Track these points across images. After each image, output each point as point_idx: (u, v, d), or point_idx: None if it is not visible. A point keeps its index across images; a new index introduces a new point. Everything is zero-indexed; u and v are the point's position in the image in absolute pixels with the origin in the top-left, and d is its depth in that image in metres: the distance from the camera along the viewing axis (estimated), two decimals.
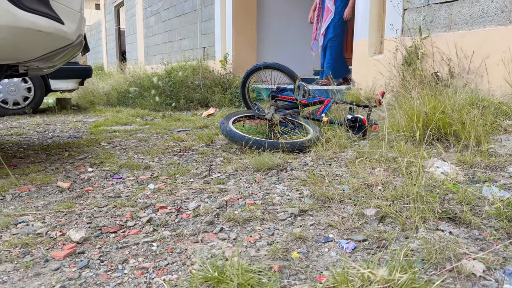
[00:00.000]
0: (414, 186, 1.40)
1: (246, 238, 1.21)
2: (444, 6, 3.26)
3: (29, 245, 1.19)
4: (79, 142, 3.02)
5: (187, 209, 1.48)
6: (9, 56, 1.91)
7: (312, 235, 1.21)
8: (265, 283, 0.89)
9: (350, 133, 2.59)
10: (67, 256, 1.11)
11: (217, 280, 0.88)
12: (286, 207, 1.45)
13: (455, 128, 2.19)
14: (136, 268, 1.04)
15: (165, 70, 6.03)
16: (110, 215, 1.43)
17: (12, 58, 1.96)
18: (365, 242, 1.14)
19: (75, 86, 5.48)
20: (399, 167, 1.78)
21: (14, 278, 1.01)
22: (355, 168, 1.83)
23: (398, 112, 2.40)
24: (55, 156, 2.51)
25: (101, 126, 3.86)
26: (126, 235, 1.25)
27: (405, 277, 0.82)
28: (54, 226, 1.34)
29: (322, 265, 1.02)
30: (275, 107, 2.88)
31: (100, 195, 1.68)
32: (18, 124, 4.23)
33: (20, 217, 1.43)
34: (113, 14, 12.94)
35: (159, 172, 2.03)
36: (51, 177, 1.98)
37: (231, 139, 2.47)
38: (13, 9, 1.75)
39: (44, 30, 1.89)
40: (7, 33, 1.74)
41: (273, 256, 1.08)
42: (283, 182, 1.79)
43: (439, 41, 3.27)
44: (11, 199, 1.66)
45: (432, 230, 1.18)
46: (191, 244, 1.18)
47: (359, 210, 1.35)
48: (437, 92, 2.54)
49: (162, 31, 9.13)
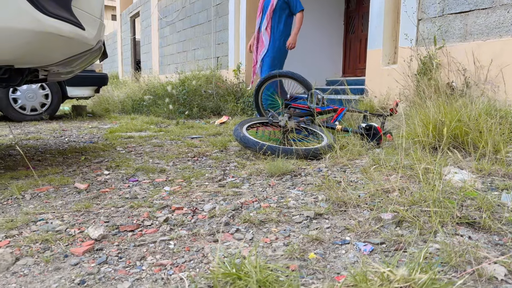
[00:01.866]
0: (432, 191, 1.39)
1: (262, 239, 1.21)
2: (460, 16, 3.25)
3: (48, 241, 1.20)
4: (95, 146, 3.06)
5: (203, 210, 1.48)
6: (32, 59, 1.96)
7: (329, 237, 1.20)
8: (283, 281, 0.89)
9: (365, 141, 2.58)
10: (86, 252, 1.13)
11: (235, 277, 0.88)
12: (301, 210, 1.45)
13: (471, 137, 2.17)
14: (154, 264, 1.05)
15: (179, 79, 6.11)
16: (127, 215, 1.45)
17: (35, 62, 2.01)
18: (383, 245, 1.13)
19: (91, 93, 5.58)
20: (416, 174, 1.77)
21: (35, 272, 1.02)
22: (370, 174, 1.82)
23: (414, 121, 2.39)
24: (72, 160, 2.55)
25: (116, 132, 3.91)
26: (143, 233, 1.26)
27: (425, 277, 0.81)
28: (73, 224, 1.36)
29: (339, 265, 1.02)
30: (289, 114, 2.89)
31: (116, 196, 1.70)
32: (35, 130, 4.32)
33: (39, 215, 1.45)
34: (129, 25, 13.21)
35: (174, 176, 2.05)
36: (69, 178, 2.01)
37: (244, 145, 2.48)
38: (38, 14, 1.80)
39: (66, 35, 1.94)
40: (32, 37, 1.79)
41: (290, 256, 1.07)
42: (297, 187, 1.79)
43: (454, 51, 3.26)
44: (30, 199, 1.69)
45: (451, 234, 1.16)
46: (208, 243, 1.18)
47: (376, 215, 1.34)
48: (453, 100, 2.52)
49: (176, 41, 9.27)
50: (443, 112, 2.33)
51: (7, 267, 1.03)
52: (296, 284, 0.84)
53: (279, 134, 2.94)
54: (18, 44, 1.78)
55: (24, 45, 1.81)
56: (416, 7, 3.59)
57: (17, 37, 1.75)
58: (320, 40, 6.99)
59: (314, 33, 6.91)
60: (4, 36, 1.71)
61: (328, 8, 6.99)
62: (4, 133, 4.05)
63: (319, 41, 6.98)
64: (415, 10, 3.59)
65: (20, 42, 1.78)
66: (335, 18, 7.05)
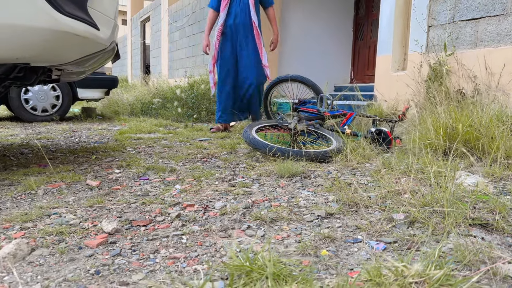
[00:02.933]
0: (444, 193, 1.39)
1: (274, 235, 1.21)
2: (470, 23, 3.25)
3: (63, 233, 1.22)
4: (105, 147, 3.09)
5: (214, 208, 1.49)
6: (48, 58, 2.00)
7: (341, 236, 1.20)
8: (297, 275, 0.89)
9: (374, 145, 2.58)
10: (99, 245, 1.14)
11: (249, 269, 0.88)
12: (312, 209, 1.46)
13: (482, 142, 2.16)
14: (168, 257, 1.06)
15: (188, 83, 6.15)
16: (140, 210, 1.46)
17: (51, 60, 2.05)
18: (395, 244, 1.13)
19: (101, 95, 5.64)
20: (427, 178, 1.76)
21: (50, 262, 1.04)
22: (380, 177, 1.82)
23: (424, 126, 2.39)
24: (83, 159, 2.58)
25: (125, 133, 3.95)
26: (156, 228, 1.28)
27: (440, 273, 0.81)
28: (86, 218, 1.37)
29: (352, 262, 1.02)
30: (298, 117, 2.90)
31: (128, 193, 1.72)
32: (46, 130, 4.37)
33: (52, 210, 1.47)
34: (139, 29, 13.35)
35: (185, 175, 2.06)
36: (80, 176, 2.03)
37: (254, 147, 2.49)
38: (55, 13, 1.84)
39: (81, 35, 1.98)
40: (49, 36, 1.82)
41: (302, 252, 1.08)
42: (307, 188, 1.79)
43: (464, 58, 3.25)
44: (43, 194, 1.71)
45: (464, 235, 1.16)
46: (220, 238, 1.19)
47: (388, 215, 1.34)
48: (464, 106, 2.51)
49: (186, 45, 9.35)
50: (454, 118, 2.32)
51: (23, 257, 1.05)
52: (311, 278, 0.85)
53: (287, 137, 2.95)
54: (36, 42, 1.82)
55: (41, 43, 1.84)
56: (426, 13, 3.60)
57: (34, 35, 1.79)
58: (329, 46, 7.01)
59: (322, 39, 6.94)
60: (22, 34, 1.75)
61: (337, 15, 7.02)
62: (16, 132, 4.10)
63: (328, 47, 7.00)
64: (426, 16, 3.60)
65: (38, 40, 1.82)
66: (344, 25, 7.08)
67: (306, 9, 6.83)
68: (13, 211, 1.45)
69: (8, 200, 1.62)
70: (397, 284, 0.81)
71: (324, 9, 6.90)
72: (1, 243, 1.16)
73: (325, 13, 6.90)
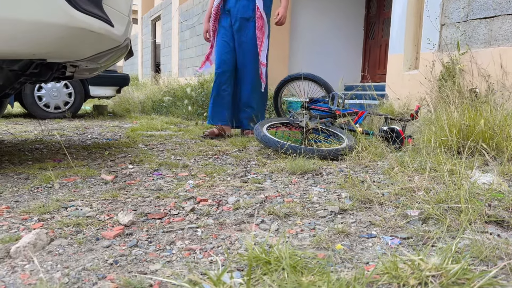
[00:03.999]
0: (458, 190, 1.38)
1: (288, 230, 1.22)
2: (484, 21, 3.22)
3: (80, 225, 1.24)
4: (117, 143, 3.13)
5: (227, 202, 1.50)
6: (64, 54, 2.03)
7: (355, 231, 1.21)
8: (313, 267, 0.90)
9: (386, 144, 2.57)
10: (116, 236, 1.16)
11: (266, 261, 0.89)
12: (325, 205, 1.46)
13: (497, 141, 2.14)
14: (184, 249, 1.07)
15: (198, 82, 6.18)
16: (154, 204, 1.48)
17: (66, 56, 2.08)
18: (410, 240, 1.13)
19: (112, 93, 5.70)
20: (440, 175, 1.76)
21: (69, 252, 1.06)
22: (393, 175, 1.82)
23: (437, 125, 2.37)
24: (96, 154, 2.61)
25: (137, 131, 3.98)
26: (171, 221, 1.29)
27: (457, 267, 0.81)
28: (102, 211, 1.40)
29: (367, 256, 1.02)
30: (309, 115, 2.90)
31: (142, 188, 1.74)
32: (58, 127, 4.43)
33: (69, 202, 1.49)
34: (149, 28, 13.44)
35: (197, 171, 2.08)
36: (94, 171, 2.06)
37: (265, 144, 2.50)
38: (71, 10, 1.87)
39: (96, 31, 2.00)
40: (65, 32, 1.85)
41: (317, 246, 1.08)
42: (319, 185, 1.80)
43: (477, 57, 3.22)
44: (59, 188, 1.74)
45: (479, 232, 1.15)
46: (234, 232, 1.20)
47: (401, 212, 1.34)
48: (478, 105, 2.49)
49: (196, 44, 9.39)
50: (467, 116, 2.30)
51: (43, 246, 1.07)
52: (328, 270, 0.85)
53: (298, 134, 2.95)
54: (52, 38, 1.85)
55: (58, 39, 1.87)
56: (439, 12, 3.57)
57: (51, 31, 1.82)
58: (339, 45, 6.99)
59: (333, 38, 6.92)
60: (39, 30, 1.78)
61: (348, 13, 6.99)
62: (29, 128, 4.17)
63: (338, 46, 6.98)
64: (438, 15, 3.57)
65: (54, 37, 1.84)
66: (355, 24, 7.05)
67: (317, 8, 6.81)
68: (30, 204, 1.48)
69: (25, 193, 1.65)
70: (413, 277, 0.81)
71: (335, 8, 6.87)
72: (20, 233, 1.18)
73: (335, 12, 6.88)
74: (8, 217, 1.33)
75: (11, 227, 1.23)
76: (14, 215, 1.34)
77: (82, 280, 0.90)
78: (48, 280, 0.90)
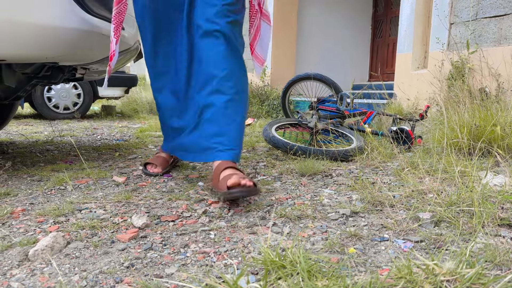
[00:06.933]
0: (471, 192, 1.38)
1: (300, 233, 1.23)
2: (494, 20, 3.20)
3: (95, 227, 1.26)
4: (127, 144, 3.15)
5: (238, 205, 1.52)
6: (76, 57, 2.05)
7: (367, 234, 1.21)
8: (327, 271, 0.90)
9: (395, 144, 2.56)
10: (131, 239, 1.17)
11: (280, 265, 0.90)
12: (336, 208, 1.46)
13: (508, 142, 2.13)
14: (198, 252, 1.08)
15: None
16: (167, 206, 1.49)
17: (78, 59, 2.10)
18: (422, 243, 1.13)
19: (121, 94, 5.74)
20: (451, 177, 1.75)
21: (86, 254, 1.07)
22: (403, 176, 1.82)
23: (447, 125, 2.36)
24: (106, 156, 2.64)
25: (146, 131, 4.01)
26: (184, 224, 1.30)
27: (472, 271, 0.81)
28: (115, 213, 1.41)
29: (380, 260, 1.03)
30: (318, 116, 2.90)
31: (154, 189, 1.76)
32: (68, 127, 4.47)
33: (83, 205, 1.52)
34: None
35: (206, 172, 2.09)
36: (106, 172, 2.08)
37: (274, 145, 2.50)
38: (83, 14, 1.89)
39: (107, 34, 2.02)
40: (77, 36, 1.88)
41: (330, 249, 1.09)
42: (330, 187, 1.80)
43: (487, 56, 3.20)
44: (72, 190, 1.76)
45: (492, 235, 1.15)
46: (247, 234, 1.21)
47: (413, 214, 1.34)
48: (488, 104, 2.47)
49: None
50: (478, 116, 2.29)
51: (60, 249, 1.09)
52: (343, 275, 0.86)
53: (307, 135, 2.95)
54: (65, 42, 1.87)
55: (70, 43, 1.89)
56: (448, 11, 3.55)
57: (64, 35, 1.84)
58: (346, 44, 6.97)
59: (340, 37, 6.90)
60: (52, 34, 1.80)
61: (355, 12, 6.97)
62: (39, 129, 4.22)
63: (345, 45, 6.96)
64: (447, 14, 3.55)
65: (66, 40, 1.87)
66: (362, 22, 7.02)
67: (324, 6, 6.79)
68: (45, 206, 1.50)
69: (40, 195, 1.67)
70: (428, 282, 0.82)
71: (342, 7, 6.85)
72: (37, 236, 1.20)
73: (342, 11, 6.86)
74: (24, 220, 1.35)
75: (27, 230, 1.26)
76: (30, 218, 1.37)
77: (99, 283, 0.92)
78: (66, 283, 0.92)
